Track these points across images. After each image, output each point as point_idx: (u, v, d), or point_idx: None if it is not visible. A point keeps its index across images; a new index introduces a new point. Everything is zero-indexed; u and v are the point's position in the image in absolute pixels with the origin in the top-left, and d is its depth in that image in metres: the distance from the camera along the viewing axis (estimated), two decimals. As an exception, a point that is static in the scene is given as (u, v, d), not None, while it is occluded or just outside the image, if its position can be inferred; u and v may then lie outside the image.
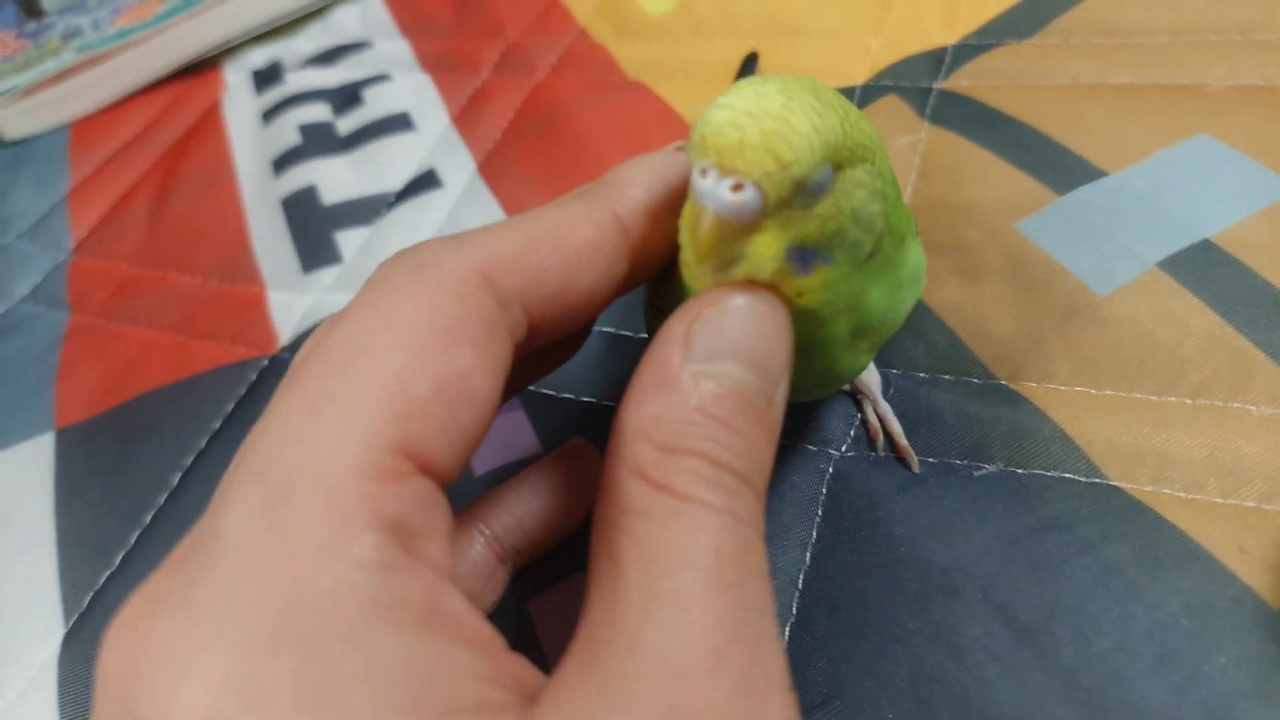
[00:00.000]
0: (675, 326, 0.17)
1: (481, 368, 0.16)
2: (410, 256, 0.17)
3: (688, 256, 0.18)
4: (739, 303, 0.17)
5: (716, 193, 0.15)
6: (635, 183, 0.18)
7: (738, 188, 0.15)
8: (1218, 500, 0.22)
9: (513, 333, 0.17)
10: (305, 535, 0.13)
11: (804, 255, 0.17)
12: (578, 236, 0.17)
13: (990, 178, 0.32)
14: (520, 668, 0.15)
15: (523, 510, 0.23)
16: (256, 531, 0.13)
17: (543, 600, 0.25)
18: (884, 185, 0.18)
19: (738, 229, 0.16)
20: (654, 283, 0.22)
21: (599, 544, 0.15)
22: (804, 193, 0.16)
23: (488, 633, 0.15)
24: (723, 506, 0.15)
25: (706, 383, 0.16)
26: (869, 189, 0.17)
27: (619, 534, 0.15)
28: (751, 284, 0.17)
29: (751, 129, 0.15)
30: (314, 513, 0.13)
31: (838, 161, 0.16)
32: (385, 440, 0.14)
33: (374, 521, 0.14)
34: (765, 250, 0.16)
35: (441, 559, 0.15)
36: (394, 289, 0.16)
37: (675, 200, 0.19)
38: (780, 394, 0.17)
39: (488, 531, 0.22)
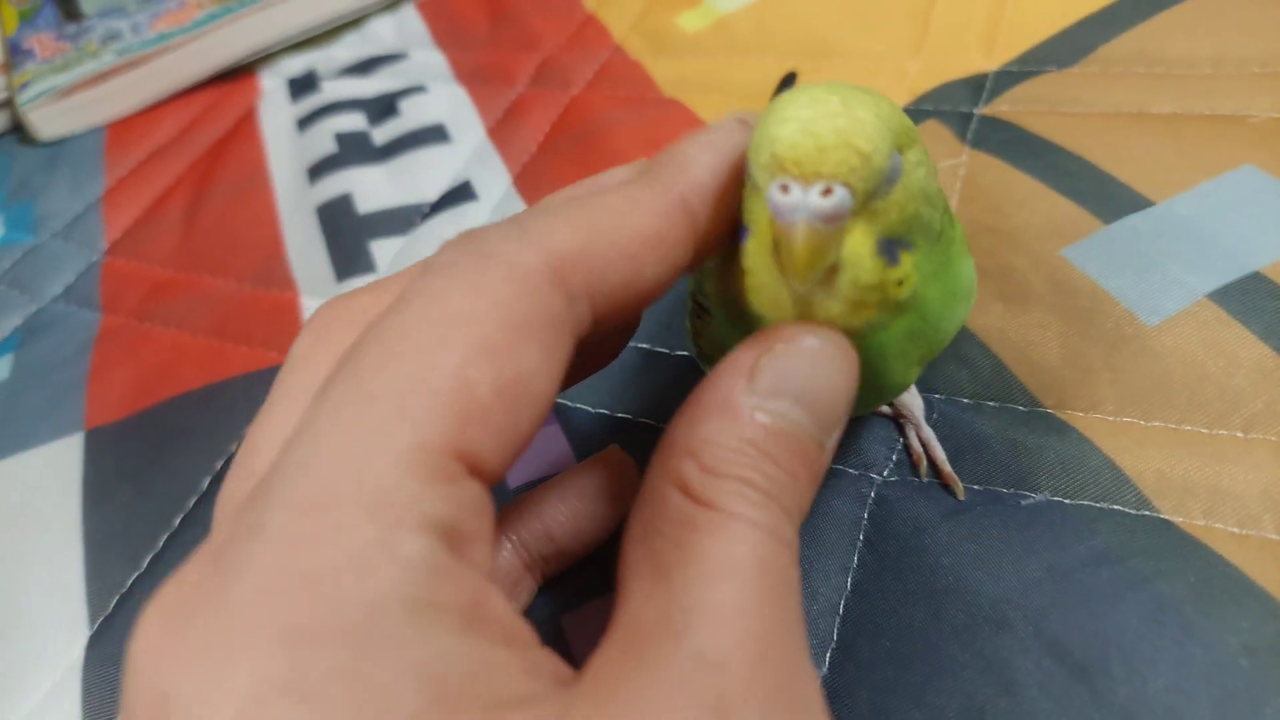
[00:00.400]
0: (743, 357, 0.16)
1: (545, 369, 0.15)
2: (475, 243, 0.16)
3: (761, 280, 0.17)
4: (811, 344, 0.17)
5: (806, 203, 0.15)
6: (699, 163, 0.18)
7: (826, 192, 0.15)
8: (1273, 536, 0.22)
9: (576, 330, 0.16)
10: (353, 534, 0.13)
11: (890, 246, 0.17)
12: (646, 227, 0.17)
13: (1034, 203, 0.32)
14: (553, 661, 0.15)
15: (552, 517, 0.22)
16: (302, 527, 0.13)
17: (575, 616, 0.24)
18: (931, 164, 0.18)
19: (830, 236, 0.16)
20: (698, 280, 0.21)
21: (635, 549, 0.15)
22: (883, 181, 0.16)
23: (524, 630, 0.15)
24: (765, 524, 0.15)
25: (763, 417, 0.16)
26: (926, 166, 0.18)
27: (660, 540, 0.15)
28: (825, 325, 0.17)
29: (824, 131, 0.16)
30: (363, 512, 0.13)
31: (899, 145, 0.17)
32: (441, 442, 0.14)
33: (424, 523, 0.13)
34: (861, 249, 0.16)
35: (485, 561, 0.15)
36: (458, 278, 0.15)
37: (736, 180, 0.18)
38: (832, 441, 0.17)
39: (515, 538, 0.22)
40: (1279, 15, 0.37)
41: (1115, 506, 0.23)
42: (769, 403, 0.16)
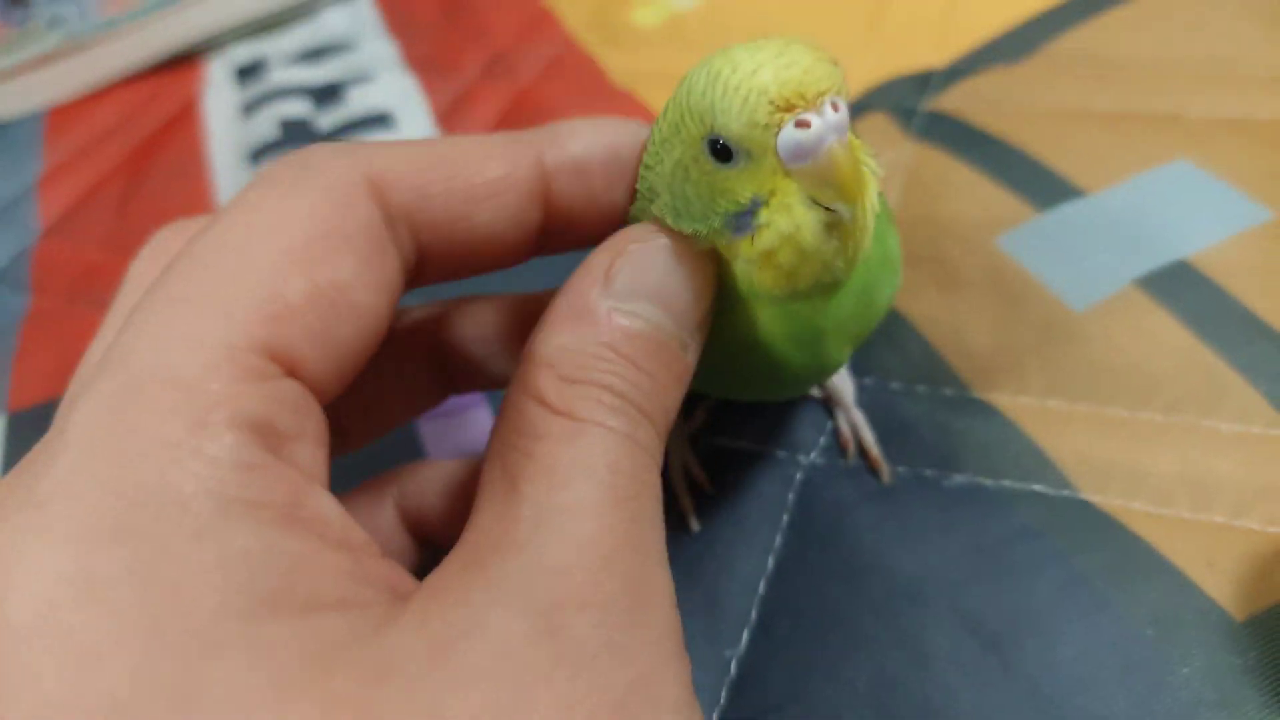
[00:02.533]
0: (597, 259, 0.16)
1: (364, 281, 0.15)
2: (298, 157, 0.16)
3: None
4: (664, 243, 0.16)
5: (828, 123, 0.15)
6: (577, 136, 0.18)
7: (834, 107, 0.15)
8: (1187, 515, 0.22)
9: (401, 251, 0.16)
10: (156, 431, 0.13)
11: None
12: (485, 170, 0.17)
13: (972, 194, 0.32)
14: (394, 573, 0.14)
15: (444, 483, 0.22)
16: (104, 427, 0.13)
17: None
18: None
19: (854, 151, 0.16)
20: None
21: (490, 467, 0.15)
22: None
23: (359, 537, 0.14)
24: (621, 430, 0.15)
25: (621, 319, 0.16)
26: None
27: (514, 454, 0.15)
28: (671, 231, 0.17)
29: (796, 58, 0.15)
30: (167, 409, 0.13)
31: None
32: (249, 340, 0.14)
33: (234, 420, 0.13)
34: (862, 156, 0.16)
35: (311, 463, 0.14)
36: (274, 190, 0.15)
37: (614, 170, 0.18)
38: (695, 344, 0.17)
39: (401, 500, 0.21)
40: (1219, 18, 0.38)
41: (1036, 487, 0.23)
42: (626, 304, 0.16)
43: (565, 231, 0.18)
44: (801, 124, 0.15)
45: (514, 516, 0.14)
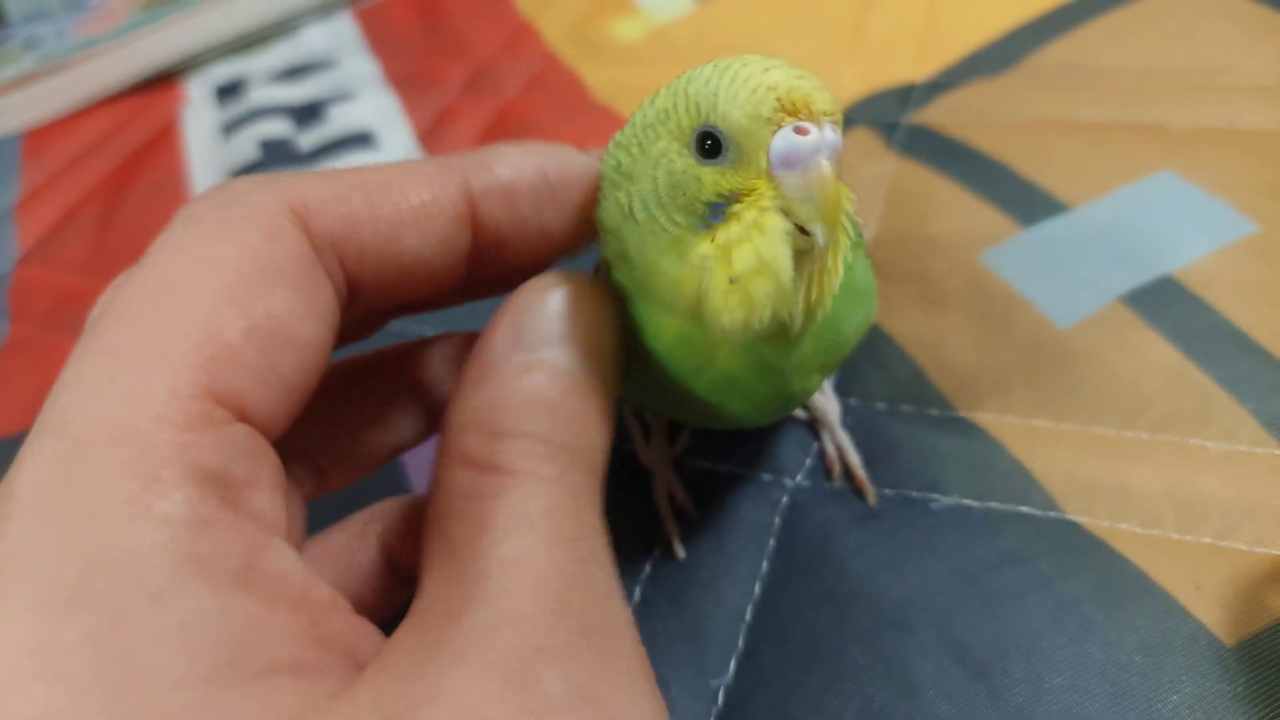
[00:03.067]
0: (501, 317, 0.16)
1: (300, 312, 0.15)
2: (218, 194, 0.16)
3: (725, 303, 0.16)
4: (562, 289, 0.17)
5: (825, 138, 0.15)
6: (506, 162, 0.18)
7: (833, 130, 0.15)
8: (1175, 536, 0.22)
9: (332, 281, 0.16)
10: (106, 491, 0.12)
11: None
12: (410, 195, 0.17)
13: (956, 209, 0.32)
14: (355, 633, 0.14)
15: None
16: (53, 489, 0.12)
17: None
18: None
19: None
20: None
21: (430, 539, 0.15)
22: None
23: (320, 593, 0.14)
24: (553, 477, 0.15)
25: (535, 372, 0.16)
26: None
27: (450, 519, 0.15)
28: (568, 275, 0.17)
29: (808, 76, 0.15)
30: (116, 467, 0.12)
31: None
32: (192, 387, 0.13)
33: (186, 473, 0.13)
34: (845, 194, 0.16)
35: (269, 510, 0.14)
36: (199, 228, 0.15)
37: (542, 194, 0.18)
38: (610, 377, 0.17)
39: (384, 537, 0.21)
40: (1202, 28, 0.38)
41: (1023, 509, 0.23)
42: (535, 353, 0.16)
43: (496, 256, 0.18)
44: (800, 130, 0.15)
45: (459, 579, 0.14)
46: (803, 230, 0.15)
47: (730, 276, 0.16)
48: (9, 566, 0.12)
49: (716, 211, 0.16)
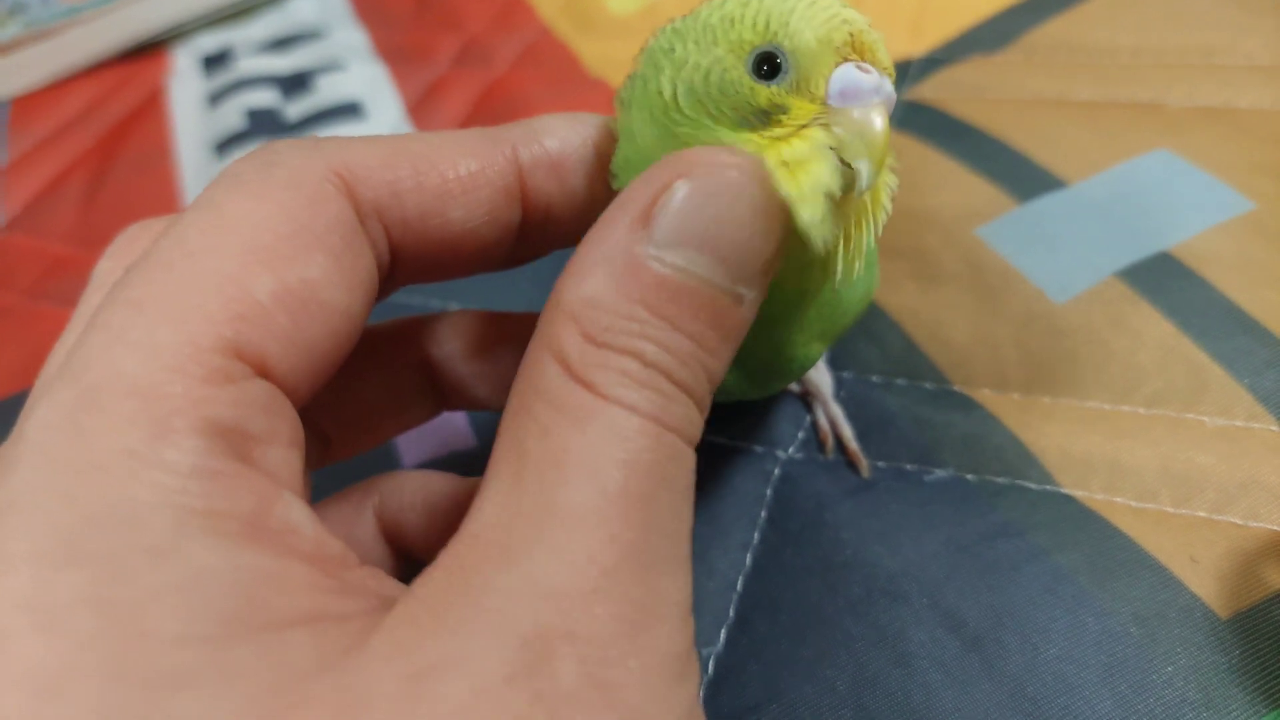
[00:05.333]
0: (638, 194, 0.14)
1: (336, 280, 0.14)
2: (262, 154, 0.15)
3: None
4: (727, 176, 0.14)
5: (885, 86, 0.15)
6: (552, 133, 0.17)
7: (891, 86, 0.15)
8: (1170, 510, 0.22)
9: (374, 251, 0.15)
10: (114, 441, 0.12)
11: None
12: (458, 165, 0.16)
13: (952, 184, 0.32)
14: (374, 579, 0.14)
15: (427, 492, 0.20)
16: (61, 436, 0.12)
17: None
18: None
19: None
20: None
21: (505, 437, 0.14)
22: None
23: (333, 547, 0.13)
24: (647, 410, 0.13)
25: (661, 269, 0.13)
26: None
27: (530, 424, 0.13)
28: (737, 150, 0.14)
29: (873, 26, 0.16)
30: (125, 417, 0.12)
31: None
32: (214, 340, 0.13)
33: (199, 425, 0.12)
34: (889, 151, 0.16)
35: (283, 467, 0.14)
36: (240, 187, 0.14)
37: (591, 165, 0.17)
38: (754, 294, 0.14)
39: (380, 510, 0.20)
40: (1198, 7, 0.38)
41: (1018, 482, 0.23)
42: (668, 252, 0.13)
43: (544, 229, 0.18)
44: (863, 69, 0.15)
45: (512, 515, 0.13)
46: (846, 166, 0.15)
47: (782, 160, 0.15)
48: (9, 514, 0.12)
49: (764, 116, 0.15)
